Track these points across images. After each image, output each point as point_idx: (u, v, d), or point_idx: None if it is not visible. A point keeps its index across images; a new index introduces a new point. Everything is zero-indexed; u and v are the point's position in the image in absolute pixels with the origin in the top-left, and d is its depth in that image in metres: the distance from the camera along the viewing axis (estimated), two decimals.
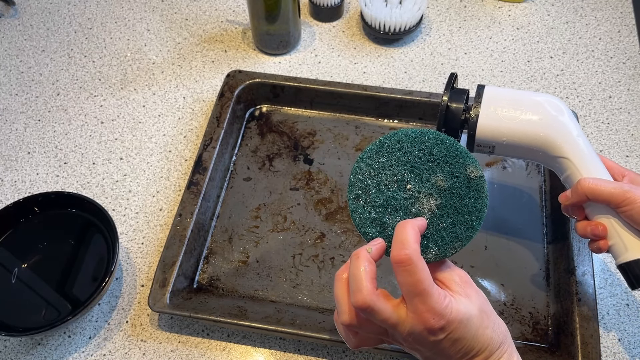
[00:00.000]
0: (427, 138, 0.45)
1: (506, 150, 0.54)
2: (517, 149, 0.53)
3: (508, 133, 0.52)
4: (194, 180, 0.66)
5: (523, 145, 0.53)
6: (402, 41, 0.87)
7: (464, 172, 0.44)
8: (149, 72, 0.84)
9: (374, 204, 0.44)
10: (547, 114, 0.52)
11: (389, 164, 0.45)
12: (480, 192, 0.44)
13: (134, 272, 0.65)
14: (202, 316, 0.58)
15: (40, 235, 0.64)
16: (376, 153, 0.45)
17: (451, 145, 0.44)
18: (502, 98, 0.53)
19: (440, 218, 0.44)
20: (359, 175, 0.45)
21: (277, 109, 0.78)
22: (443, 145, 0.44)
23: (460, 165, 0.44)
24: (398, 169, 0.44)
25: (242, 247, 0.66)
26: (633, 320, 0.61)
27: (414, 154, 0.44)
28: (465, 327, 0.41)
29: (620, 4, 0.91)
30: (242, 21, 0.90)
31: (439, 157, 0.44)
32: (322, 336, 0.56)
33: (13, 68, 0.85)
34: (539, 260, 0.64)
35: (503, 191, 0.69)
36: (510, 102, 0.53)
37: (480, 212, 0.44)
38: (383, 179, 0.44)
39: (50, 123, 0.78)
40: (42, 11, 0.93)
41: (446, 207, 0.44)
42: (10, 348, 0.61)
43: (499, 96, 0.53)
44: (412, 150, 0.45)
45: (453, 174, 0.44)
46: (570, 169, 0.52)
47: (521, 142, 0.52)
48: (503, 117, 0.52)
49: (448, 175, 0.44)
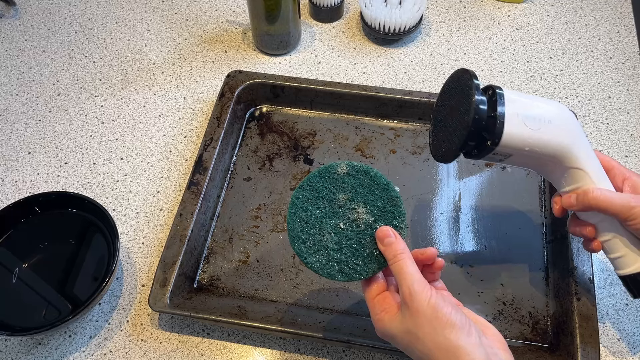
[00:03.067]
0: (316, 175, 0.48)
1: (521, 159, 0.50)
2: (533, 159, 0.50)
3: (531, 142, 0.48)
4: (195, 180, 0.66)
5: (542, 154, 0.49)
6: (401, 41, 0.87)
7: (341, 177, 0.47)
8: (149, 72, 0.84)
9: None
10: (568, 124, 0.50)
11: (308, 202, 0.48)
12: (372, 175, 0.47)
13: (134, 272, 0.65)
14: (202, 316, 0.58)
15: (40, 235, 0.64)
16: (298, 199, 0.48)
17: (322, 170, 0.48)
18: (522, 104, 0.49)
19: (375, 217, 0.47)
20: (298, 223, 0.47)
21: (277, 109, 0.78)
22: (320, 174, 0.48)
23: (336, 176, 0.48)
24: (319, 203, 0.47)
25: (243, 247, 0.66)
26: (632, 320, 0.61)
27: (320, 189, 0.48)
28: (394, 341, 0.44)
29: (620, 4, 0.91)
30: (242, 21, 0.90)
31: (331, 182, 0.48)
32: (322, 336, 0.56)
33: (14, 68, 0.85)
34: (538, 260, 0.64)
35: (503, 191, 0.69)
36: (531, 109, 0.49)
37: (387, 185, 0.47)
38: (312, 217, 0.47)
39: (51, 123, 0.79)
40: (42, 11, 0.93)
41: (370, 207, 0.47)
42: (10, 348, 0.61)
43: (519, 102, 0.49)
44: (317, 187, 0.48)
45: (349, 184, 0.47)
46: (583, 180, 0.50)
47: (541, 151, 0.49)
48: (527, 125, 0.48)
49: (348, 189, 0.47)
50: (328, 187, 0.47)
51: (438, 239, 0.66)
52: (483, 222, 0.67)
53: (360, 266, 0.46)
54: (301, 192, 0.47)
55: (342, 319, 0.59)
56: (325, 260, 0.46)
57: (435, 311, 0.41)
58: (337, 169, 0.47)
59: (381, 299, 0.45)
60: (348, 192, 0.47)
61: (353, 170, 0.47)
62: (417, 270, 0.43)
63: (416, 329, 0.41)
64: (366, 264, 0.46)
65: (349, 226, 0.46)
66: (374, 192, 0.47)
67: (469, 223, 0.67)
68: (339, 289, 0.62)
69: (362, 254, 0.46)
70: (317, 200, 0.47)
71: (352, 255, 0.46)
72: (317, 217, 0.47)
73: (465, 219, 0.67)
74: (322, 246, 0.46)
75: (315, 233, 0.46)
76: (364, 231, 0.46)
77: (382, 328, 0.44)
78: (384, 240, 0.45)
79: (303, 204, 0.47)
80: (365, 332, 0.57)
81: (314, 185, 0.47)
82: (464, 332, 0.40)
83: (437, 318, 0.41)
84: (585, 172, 0.50)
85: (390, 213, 0.46)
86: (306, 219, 0.47)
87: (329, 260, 0.46)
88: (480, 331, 0.42)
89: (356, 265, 0.46)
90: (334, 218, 0.47)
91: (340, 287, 0.62)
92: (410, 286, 0.42)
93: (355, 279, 0.46)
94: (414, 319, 0.41)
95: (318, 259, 0.46)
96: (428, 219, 0.67)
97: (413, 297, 0.41)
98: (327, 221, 0.47)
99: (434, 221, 0.67)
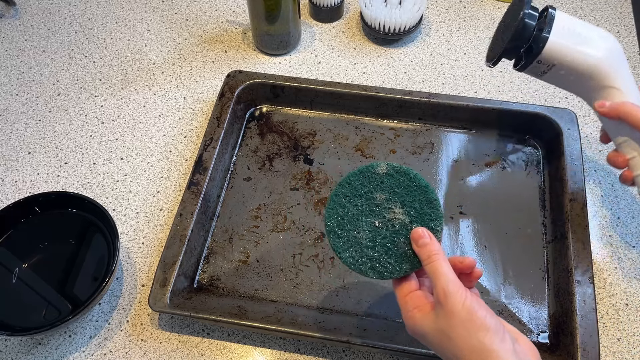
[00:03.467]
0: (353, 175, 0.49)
1: (561, 72, 0.57)
2: (573, 74, 0.56)
3: (574, 54, 0.55)
4: (195, 180, 0.66)
5: (582, 69, 0.55)
6: (401, 41, 0.87)
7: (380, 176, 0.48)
8: (149, 72, 0.84)
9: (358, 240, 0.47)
10: (611, 46, 0.56)
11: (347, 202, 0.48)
12: (408, 175, 0.48)
13: (134, 272, 0.65)
14: (202, 316, 0.58)
15: (40, 235, 0.64)
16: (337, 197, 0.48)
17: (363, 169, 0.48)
18: (572, 22, 0.56)
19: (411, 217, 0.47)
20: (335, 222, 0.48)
21: (277, 109, 0.78)
22: (360, 174, 0.48)
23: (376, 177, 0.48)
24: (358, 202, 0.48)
25: (243, 247, 0.66)
26: (632, 320, 0.61)
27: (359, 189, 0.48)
28: (425, 340, 0.44)
29: (620, 4, 0.91)
30: (242, 21, 0.90)
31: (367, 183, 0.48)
32: (322, 336, 0.56)
33: (14, 68, 0.85)
34: (538, 260, 0.64)
35: (503, 191, 0.69)
36: (579, 26, 0.56)
37: (427, 187, 0.48)
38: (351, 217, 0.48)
39: (51, 123, 0.79)
40: (42, 11, 0.93)
41: (407, 206, 0.47)
42: (10, 348, 0.61)
43: (569, 20, 0.56)
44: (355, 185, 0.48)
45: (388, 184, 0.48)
46: (617, 98, 0.56)
47: (581, 65, 0.55)
48: (572, 38, 0.55)
49: (386, 189, 0.48)
50: (367, 186, 0.48)
51: None
52: (483, 222, 0.67)
53: (393, 265, 0.46)
54: (340, 189, 0.48)
55: (342, 319, 0.59)
56: (358, 256, 0.47)
57: (470, 313, 0.40)
58: (377, 168, 0.48)
59: (414, 296, 0.45)
60: (386, 192, 0.47)
61: (393, 171, 0.48)
62: (452, 271, 0.43)
63: (449, 330, 0.41)
64: (398, 263, 0.46)
65: (384, 225, 0.47)
66: (412, 193, 0.47)
67: (469, 223, 0.67)
68: (339, 289, 0.62)
69: (395, 253, 0.46)
70: (354, 198, 0.47)
71: (385, 253, 0.46)
72: (353, 214, 0.47)
73: (465, 219, 0.67)
74: (356, 242, 0.47)
75: (350, 229, 0.47)
76: (399, 231, 0.46)
77: (412, 325, 0.44)
78: (419, 241, 0.45)
79: (341, 200, 0.48)
80: (365, 332, 0.57)
81: (353, 184, 0.48)
82: (498, 336, 0.40)
83: (471, 320, 0.40)
84: (621, 92, 0.55)
85: (427, 215, 0.47)
86: (343, 215, 0.47)
87: (362, 257, 0.47)
88: (514, 339, 0.42)
89: (388, 264, 0.46)
90: (370, 216, 0.47)
91: (340, 287, 0.62)
92: (445, 287, 0.41)
93: (387, 277, 0.46)
94: (447, 320, 0.41)
95: (351, 254, 0.47)
96: None
97: (448, 297, 0.41)
98: (363, 219, 0.47)
99: None
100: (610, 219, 0.68)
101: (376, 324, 0.59)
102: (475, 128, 0.75)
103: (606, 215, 0.69)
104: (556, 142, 0.70)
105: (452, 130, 0.75)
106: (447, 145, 0.73)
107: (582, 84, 0.57)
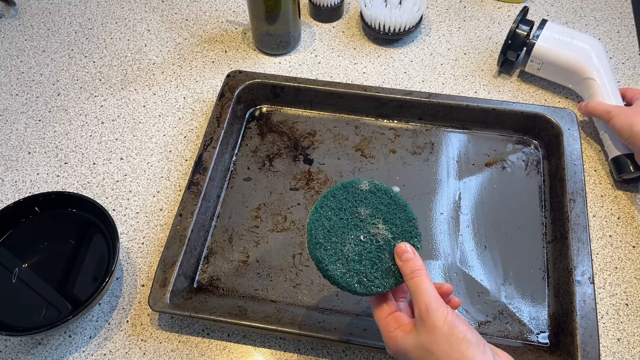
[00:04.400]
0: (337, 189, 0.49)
1: (551, 67, 0.75)
2: (560, 67, 0.75)
3: (557, 53, 0.74)
4: (194, 180, 0.66)
5: (565, 64, 0.74)
6: (401, 41, 0.87)
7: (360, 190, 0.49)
8: (149, 72, 0.84)
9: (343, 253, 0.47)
10: (592, 47, 0.73)
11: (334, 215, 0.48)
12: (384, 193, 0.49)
13: (134, 272, 0.65)
14: (202, 316, 0.58)
15: (40, 235, 0.64)
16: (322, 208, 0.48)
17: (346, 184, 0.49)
18: (559, 29, 0.75)
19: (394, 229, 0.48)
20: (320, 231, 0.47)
21: (277, 109, 0.78)
22: (343, 189, 0.49)
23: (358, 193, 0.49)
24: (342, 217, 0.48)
25: (242, 247, 0.66)
26: (632, 320, 0.61)
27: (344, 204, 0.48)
28: (407, 358, 0.44)
29: (620, 4, 0.91)
30: (242, 21, 0.90)
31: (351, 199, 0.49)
32: (322, 336, 0.56)
33: (13, 68, 0.85)
34: (538, 260, 0.64)
35: (503, 191, 0.69)
36: (565, 32, 0.75)
37: (401, 202, 0.49)
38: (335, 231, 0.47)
39: (51, 123, 0.79)
40: (42, 11, 0.93)
41: (389, 220, 0.48)
42: (10, 348, 0.61)
43: (557, 27, 0.75)
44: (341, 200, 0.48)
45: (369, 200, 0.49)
46: (594, 88, 0.72)
47: (564, 61, 0.74)
48: (559, 41, 0.74)
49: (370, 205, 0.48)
50: (351, 201, 0.48)
51: (438, 239, 0.66)
52: (483, 222, 0.67)
53: (379, 279, 0.46)
54: (325, 201, 0.48)
55: (342, 319, 0.59)
56: (345, 269, 0.46)
57: (452, 328, 0.42)
58: (359, 184, 0.49)
59: (395, 317, 0.46)
60: (369, 208, 0.48)
61: (375, 188, 0.49)
62: (434, 288, 0.44)
63: (431, 345, 0.42)
64: (384, 278, 0.46)
65: (368, 239, 0.47)
66: (392, 210, 0.48)
67: (469, 223, 0.67)
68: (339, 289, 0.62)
69: (380, 267, 0.46)
70: (339, 211, 0.48)
71: (372, 267, 0.46)
72: (339, 227, 0.47)
73: (465, 219, 0.67)
74: (342, 255, 0.46)
75: (337, 242, 0.47)
76: (383, 246, 0.47)
77: (394, 345, 0.45)
78: (402, 255, 0.45)
79: (327, 212, 0.47)
80: (365, 332, 0.57)
81: (338, 197, 0.48)
82: (479, 349, 0.41)
83: (453, 335, 0.41)
84: (596, 82, 0.72)
85: (408, 233, 0.48)
86: (329, 227, 0.47)
87: (349, 270, 0.46)
88: (493, 351, 0.43)
89: (375, 278, 0.46)
90: (355, 230, 0.47)
91: None
92: (428, 303, 0.42)
93: (373, 292, 0.46)
94: (429, 335, 0.42)
95: (338, 267, 0.46)
96: (428, 219, 0.67)
97: (430, 313, 0.42)
98: (349, 232, 0.47)
99: (434, 221, 0.67)
100: (610, 219, 0.68)
101: (376, 324, 0.59)
102: (475, 128, 0.75)
103: (606, 215, 0.69)
104: (556, 142, 0.70)
105: (452, 130, 0.75)
106: (447, 145, 0.73)
107: (569, 76, 0.75)
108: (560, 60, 0.74)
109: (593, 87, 0.72)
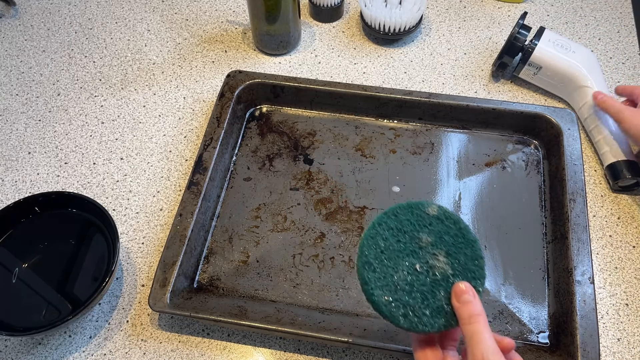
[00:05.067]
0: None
1: (548, 73, 0.76)
2: (557, 74, 0.75)
3: (555, 60, 0.75)
4: (194, 180, 0.66)
5: (562, 71, 0.75)
6: (401, 41, 0.87)
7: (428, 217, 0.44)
8: (149, 72, 0.84)
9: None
10: (587, 55, 0.75)
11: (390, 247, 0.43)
12: (458, 225, 0.44)
13: (134, 272, 0.65)
14: (202, 316, 0.58)
15: (40, 235, 0.64)
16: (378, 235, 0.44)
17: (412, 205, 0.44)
18: (556, 37, 0.76)
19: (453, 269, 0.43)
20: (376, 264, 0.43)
21: (277, 109, 0.78)
22: (409, 210, 0.44)
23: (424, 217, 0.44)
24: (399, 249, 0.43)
25: (242, 247, 0.66)
26: (632, 320, 0.61)
27: None
28: None
29: (620, 4, 0.91)
30: (242, 21, 0.90)
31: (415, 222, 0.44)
32: (322, 336, 0.56)
33: (13, 68, 0.85)
34: (538, 260, 0.64)
35: (503, 191, 0.69)
36: (561, 41, 0.76)
37: (474, 243, 0.43)
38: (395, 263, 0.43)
39: (51, 123, 0.79)
40: (42, 11, 0.93)
41: (451, 256, 0.43)
42: (10, 348, 0.61)
43: (555, 36, 0.76)
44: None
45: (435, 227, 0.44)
46: (589, 96, 0.73)
47: (562, 68, 0.75)
48: (556, 48, 0.75)
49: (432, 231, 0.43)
50: (413, 224, 0.43)
51: None
52: (483, 222, 0.67)
53: (427, 317, 0.41)
54: (385, 219, 0.43)
55: (342, 319, 0.59)
56: (392, 297, 0.41)
57: None
58: (427, 208, 0.44)
59: None
60: (433, 236, 0.43)
61: (443, 216, 0.44)
62: (493, 339, 0.39)
63: None
64: (433, 316, 0.41)
65: (425, 271, 0.42)
66: (458, 244, 0.43)
67: (469, 223, 0.67)
68: (339, 289, 0.62)
69: (431, 304, 0.41)
70: (398, 233, 0.43)
71: (422, 302, 0.41)
72: (394, 250, 0.42)
73: (465, 219, 0.67)
74: (392, 282, 0.42)
75: (388, 265, 0.42)
76: (440, 281, 0.42)
77: None
78: (461, 297, 0.40)
79: (384, 232, 0.43)
80: (365, 332, 0.57)
81: (399, 217, 0.44)
82: None
83: None
84: (591, 90, 0.73)
85: (471, 272, 0.42)
86: (384, 247, 0.42)
87: (396, 300, 0.41)
88: None
89: (423, 315, 0.41)
90: (411, 257, 0.42)
91: (340, 287, 0.62)
92: (485, 355, 0.38)
93: (418, 329, 0.41)
94: None
95: (385, 294, 0.41)
96: None
97: None
98: (404, 258, 0.42)
99: None
100: (610, 219, 0.68)
101: (376, 324, 0.59)
102: (475, 128, 0.75)
103: (606, 215, 0.69)
104: (556, 142, 0.70)
105: (452, 130, 0.75)
106: (447, 145, 0.73)
107: (564, 84, 0.76)
108: (557, 67, 0.74)
109: (588, 95, 0.73)
